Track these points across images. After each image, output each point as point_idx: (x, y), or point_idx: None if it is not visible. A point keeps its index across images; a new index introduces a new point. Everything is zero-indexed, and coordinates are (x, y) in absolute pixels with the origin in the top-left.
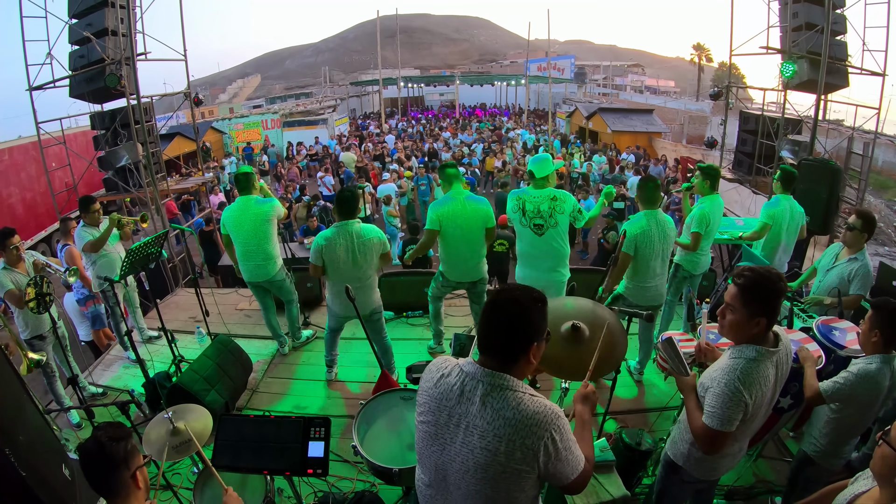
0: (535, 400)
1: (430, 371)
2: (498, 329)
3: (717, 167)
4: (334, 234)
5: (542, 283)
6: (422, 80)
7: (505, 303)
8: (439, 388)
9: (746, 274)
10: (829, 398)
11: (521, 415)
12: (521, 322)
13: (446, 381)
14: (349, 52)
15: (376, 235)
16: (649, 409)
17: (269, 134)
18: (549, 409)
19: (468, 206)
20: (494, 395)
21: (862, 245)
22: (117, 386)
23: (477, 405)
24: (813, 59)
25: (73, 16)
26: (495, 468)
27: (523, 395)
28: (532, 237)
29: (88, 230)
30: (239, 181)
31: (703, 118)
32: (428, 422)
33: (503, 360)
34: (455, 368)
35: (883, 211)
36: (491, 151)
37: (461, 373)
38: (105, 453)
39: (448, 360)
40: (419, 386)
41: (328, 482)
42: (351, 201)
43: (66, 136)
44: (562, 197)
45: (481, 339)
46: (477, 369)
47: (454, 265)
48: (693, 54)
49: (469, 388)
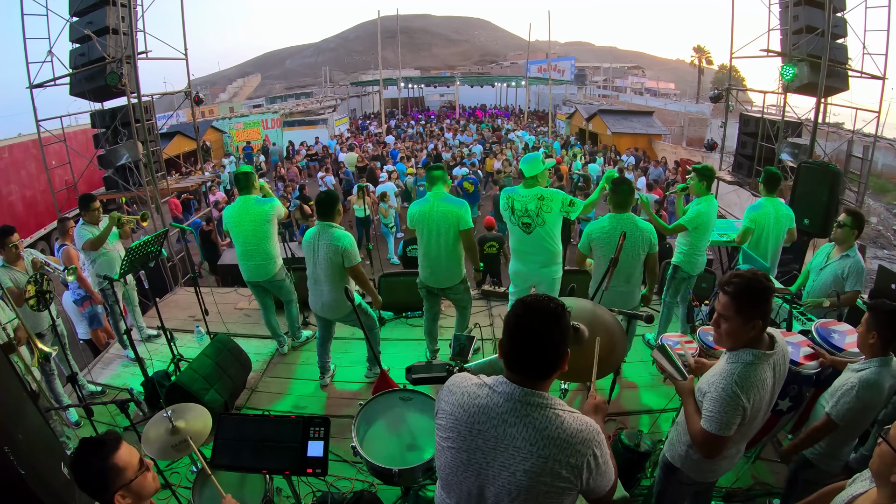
0: (575, 416)
1: (452, 393)
2: (533, 345)
3: (712, 168)
4: (316, 232)
5: (533, 278)
6: (422, 81)
7: (536, 316)
8: (468, 412)
9: (734, 281)
10: (843, 420)
11: (566, 433)
12: (556, 335)
13: (476, 402)
14: (350, 52)
15: (344, 244)
16: (648, 410)
17: (269, 133)
18: (590, 426)
19: (440, 206)
20: (535, 415)
21: (852, 242)
22: (116, 384)
23: (517, 427)
24: (813, 63)
25: (74, 14)
26: (539, 489)
27: (564, 413)
28: (521, 235)
29: (88, 228)
30: (239, 180)
31: (703, 120)
32: (458, 448)
33: (539, 376)
34: (484, 389)
35: (882, 214)
36: (491, 152)
37: (493, 393)
38: (79, 483)
39: (468, 379)
40: (439, 407)
41: (327, 482)
42: (328, 204)
43: (66, 134)
44: (549, 196)
45: (513, 357)
46: (514, 389)
47: (424, 267)
48: (693, 56)
49: (505, 409)
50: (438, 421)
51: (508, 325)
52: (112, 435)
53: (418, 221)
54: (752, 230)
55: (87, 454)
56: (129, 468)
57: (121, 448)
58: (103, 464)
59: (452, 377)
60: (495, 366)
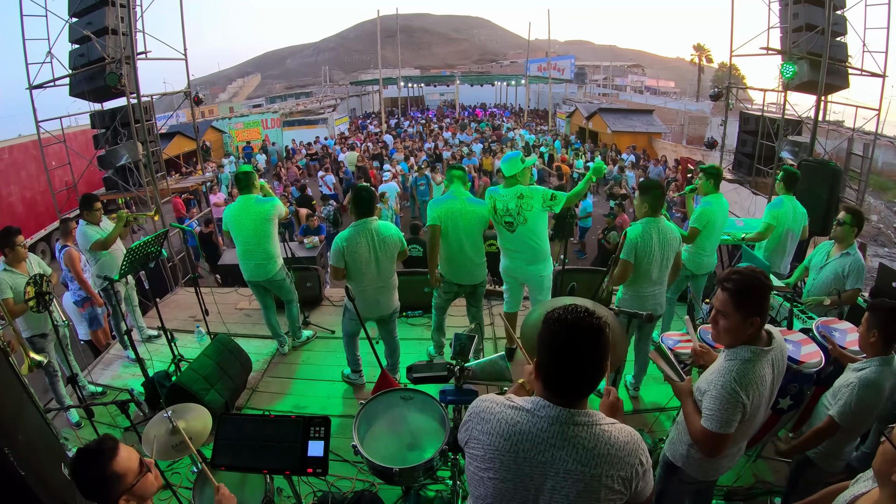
0: (619, 428)
1: (486, 421)
2: (579, 366)
3: (719, 168)
4: (354, 233)
5: (520, 275)
6: (422, 80)
7: (580, 336)
8: (510, 440)
9: (733, 278)
10: (845, 421)
11: (615, 448)
12: (601, 352)
13: (516, 430)
14: (349, 51)
15: (395, 233)
16: (649, 409)
17: (268, 133)
18: (634, 435)
19: (468, 206)
20: (583, 435)
21: (852, 240)
22: (117, 385)
23: (565, 450)
24: (813, 60)
25: (74, 14)
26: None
27: (609, 427)
28: (506, 234)
29: (93, 228)
30: (239, 180)
31: (703, 119)
32: (502, 478)
33: (583, 395)
34: (523, 414)
35: (883, 212)
36: (490, 151)
37: (534, 418)
38: (80, 487)
39: (499, 403)
40: (470, 436)
41: (328, 482)
42: (368, 200)
43: (66, 135)
44: (529, 194)
45: (558, 379)
46: (559, 412)
47: (456, 266)
48: (693, 55)
49: (551, 433)
50: (472, 451)
51: (552, 348)
52: (109, 441)
53: (448, 218)
54: (773, 226)
55: (86, 463)
56: (129, 473)
57: (119, 453)
58: (103, 472)
59: (479, 402)
60: (496, 365)
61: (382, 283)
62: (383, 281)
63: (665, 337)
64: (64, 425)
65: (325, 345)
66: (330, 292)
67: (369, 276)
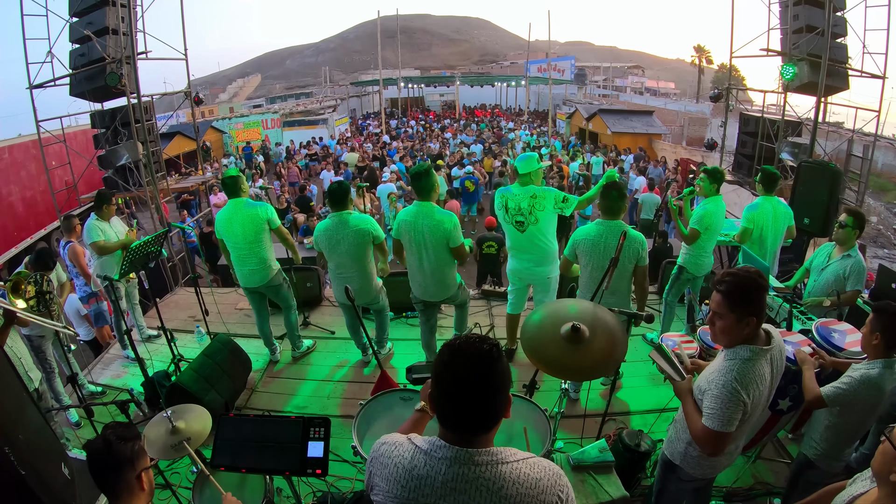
0: (531, 464)
1: (384, 466)
2: (470, 398)
3: (722, 170)
4: (331, 223)
5: (527, 276)
6: (422, 81)
7: (468, 362)
8: (406, 487)
9: (727, 279)
10: (831, 402)
11: (525, 486)
12: (495, 381)
13: (414, 475)
14: (349, 52)
15: (370, 226)
16: (649, 410)
17: (269, 133)
18: (549, 470)
19: (430, 220)
20: (487, 475)
21: (853, 242)
22: (116, 385)
23: (468, 493)
24: (813, 62)
25: (74, 14)
26: None
27: (518, 464)
28: (515, 233)
29: (100, 225)
30: (226, 185)
31: (703, 120)
32: None
33: (484, 430)
34: (419, 456)
35: (882, 213)
36: (490, 152)
37: (431, 460)
38: (112, 452)
39: (397, 445)
40: (373, 482)
41: (327, 482)
42: (340, 193)
43: (66, 135)
44: (542, 194)
45: (449, 414)
46: (455, 452)
47: (415, 282)
48: (693, 56)
49: (450, 475)
50: (375, 497)
51: (438, 377)
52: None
53: (405, 232)
54: (751, 230)
55: (121, 430)
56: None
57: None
58: (136, 440)
59: (378, 444)
60: None
61: (356, 272)
62: (357, 270)
63: (664, 338)
64: (64, 425)
65: (325, 345)
66: (330, 292)
67: (343, 264)
